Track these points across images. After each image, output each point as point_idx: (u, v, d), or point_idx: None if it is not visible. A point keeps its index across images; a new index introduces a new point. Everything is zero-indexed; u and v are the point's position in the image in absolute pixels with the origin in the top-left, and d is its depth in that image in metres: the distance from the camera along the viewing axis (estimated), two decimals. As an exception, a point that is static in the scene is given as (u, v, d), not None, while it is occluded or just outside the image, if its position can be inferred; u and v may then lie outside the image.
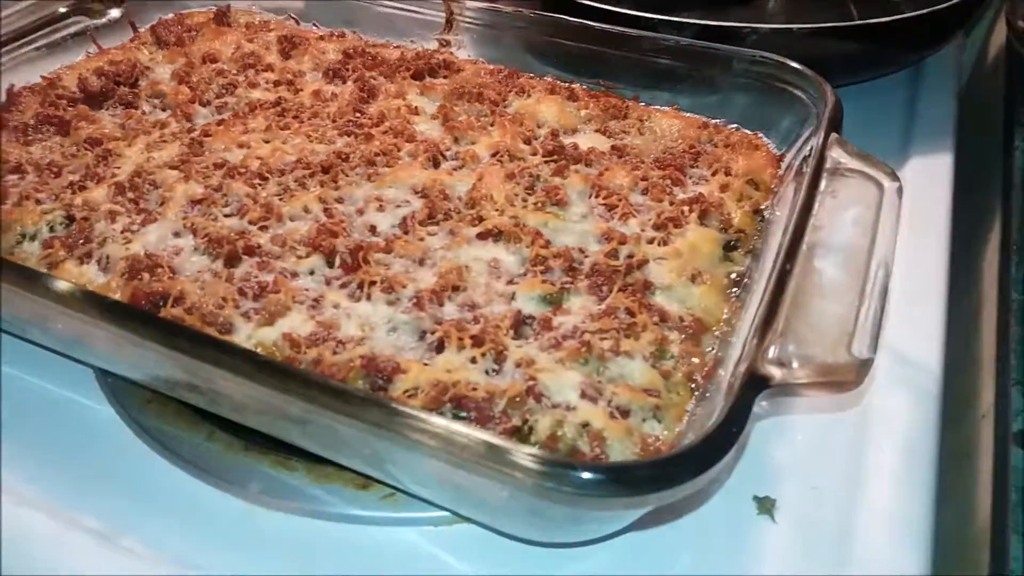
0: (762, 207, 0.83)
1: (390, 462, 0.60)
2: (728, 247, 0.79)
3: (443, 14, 1.08)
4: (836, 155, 0.79)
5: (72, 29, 1.06)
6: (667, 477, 0.50)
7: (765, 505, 0.72)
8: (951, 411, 0.82)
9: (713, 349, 0.69)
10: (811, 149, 0.82)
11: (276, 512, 0.71)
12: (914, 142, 1.15)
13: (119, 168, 0.86)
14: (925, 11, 1.07)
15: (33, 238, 0.78)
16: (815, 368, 0.58)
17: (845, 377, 0.58)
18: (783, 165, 0.89)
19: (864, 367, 0.58)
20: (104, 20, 1.09)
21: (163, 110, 0.97)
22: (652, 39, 0.98)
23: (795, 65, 0.90)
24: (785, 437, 0.78)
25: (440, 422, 0.53)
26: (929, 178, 1.09)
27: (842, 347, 0.59)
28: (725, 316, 0.72)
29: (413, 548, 0.69)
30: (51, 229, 0.79)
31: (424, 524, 0.70)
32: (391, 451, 0.58)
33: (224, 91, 0.99)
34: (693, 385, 0.66)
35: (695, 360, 0.67)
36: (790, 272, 0.65)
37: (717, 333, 0.71)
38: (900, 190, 0.75)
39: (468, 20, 1.07)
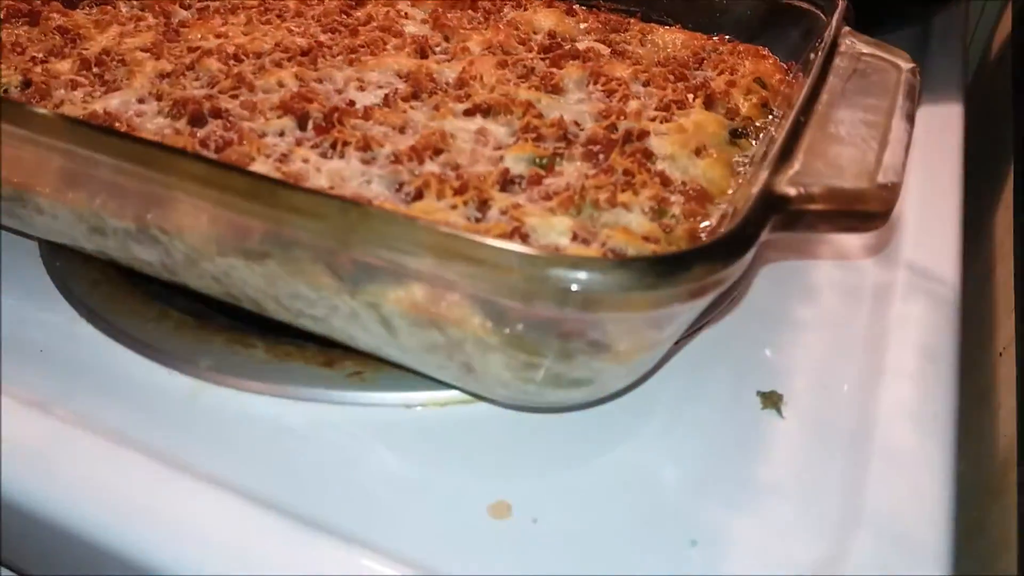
0: (771, 103, 0.78)
1: (359, 295, 0.53)
2: (735, 134, 0.73)
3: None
4: (849, 42, 0.74)
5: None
6: (675, 267, 0.43)
7: (771, 399, 0.65)
8: (966, 353, 0.76)
9: (718, 214, 0.63)
10: (819, 42, 0.77)
11: (228, 389, 0.64)
12: (923, 96, 1.11)
13: (87, 49, 0.81)
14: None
15: (-16, 99, 0.72)
16: (835, 192, 0.52)
17: (870, 205, 0.52)
18: (791, 75, 0.84)
19: (890, 193, 0.52)
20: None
21: (141, 10, 0.92)
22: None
23: (804, -24, 0.86)
24: (790, 336, 0.72)
25: (416, 219, 0.46)
26: (939, 126, 1.05)
27: (864, 178, 0.53)
28: (731, 191, 0.66)
29: (377, 433, 0.61)
30: (4, 92, 0.73)
31: (395, 405, 0.63)
32: (361, 275, 0.51)
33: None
34: (696, 243, 0.59)
35: (698, 219, 0.61)
36: (805, 122, 0.60)
37: (722, 206, 0.65)
38: (915, 70, 0.70)
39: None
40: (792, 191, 0.50)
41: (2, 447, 0.58)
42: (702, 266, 0.44)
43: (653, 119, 0.71)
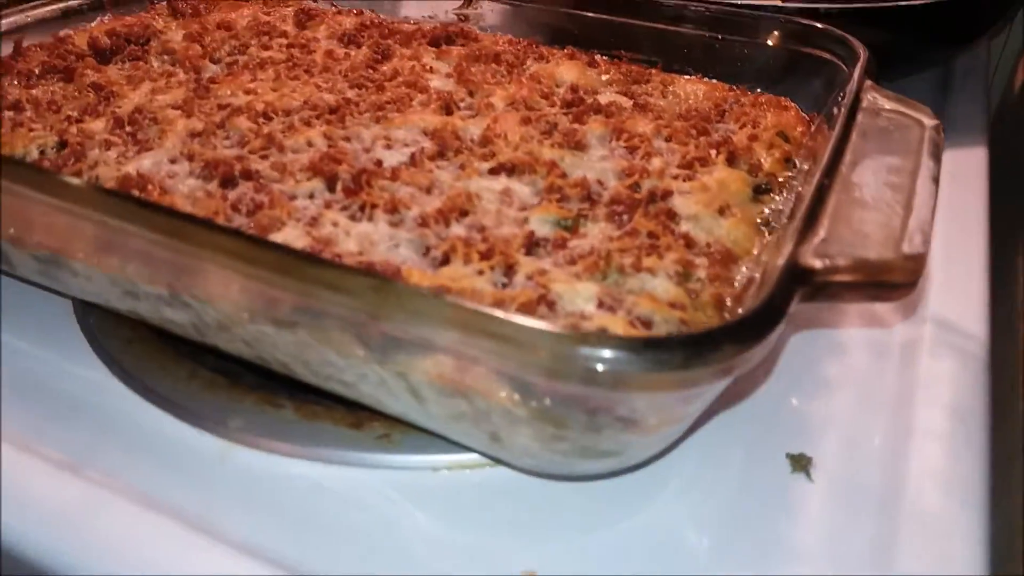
0: (793, 157, 0.78)
1: (388, 365, 0.53)
2: (759, 190, 0.73)
3: (463, -7, 1.07)
4: (872, 97, 0.75)
5: (88, -2, 1.05)
6: (702, 349, 0.43)
7: (800, 462, 0.65)
8: (995, 403, 0.75)
9: (743, 278, 0.63)
10: (842, 96, 0.77)
11: (257, 451, 0.65)
12: (947, 140, 1.10)
13: (120, 107, 0.83)
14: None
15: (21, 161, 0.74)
16: (861, 264, 0.52)
17: (895, 276, 0.52)
18: (814, 125, 0.85)
19: (917, 263, 0.52)
20: (122, -8, 1.08)
21: (172, 65, 0.94)
22: (675, 7, 0.95)
23: (824, 27, 0.87)
24: (818, 394, 0.71)
25: (446, 297, 0.47)
26: (964, 172, 1.04)
27: (889, 247, 0.53)
28: (756, 252, 0.66)
29: (408, 495, 0.62)
30: (42, 153, 0.75)
31: (422, 468, 0.63)
32: (389, 346, 0.52)
33: (236, 51, 0.96)
34: (724, 309, 0.60)
35: (723, 284, 0.61)
36: (829, 186, 0.60)
37: (747, 267, 0.65)
38: (939, 128, 0.70)
39: (488, -6, 1.05)
40: (818, 263, 0.51)
41: (35, 511, 0.59)
42: (731, 345, 0.44)
43: (676, 177, 0.71)
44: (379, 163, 0.74)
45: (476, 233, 0.64)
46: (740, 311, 0.49)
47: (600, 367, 0.43)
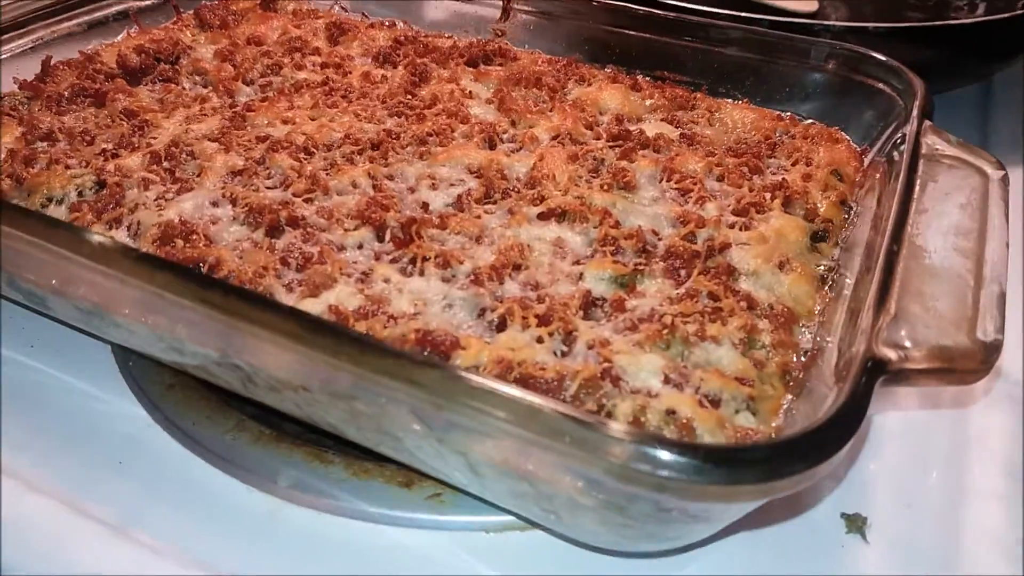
0: (849, 199, 0.76)
1: (447, 443, 0.52)
2: (815, 237, 0.72)
3: (498, 4, 1.03)
4: (932, 142, 0.72)
5: (114, 8, 1.02)
6: (787, 459, 0.42)
7: (855, 523, 0.64)
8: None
9: (807, 342, 0.62)
10: (899, 137, 0.75)
11: (307, 509, 0.64)
12: (990, 150, 1.08)
13: (155, 138, 0.81)
14: (1007, 15, 1.00)
15: (60, 202, 0.72)
16: (934, 352, 0.50)
17: (969, 364, 0.50)
18: (867, 160, 0.82)
19: (991, 351, 0.50)
20: (148, 1, 1.05)
21: (204, 87, 0.92)
22: (722, 28, 0.92)
23: (879, 56, 0.84)
24: (870, 452, 0.70)
25: (514, 391, 0.46)
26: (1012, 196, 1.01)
27: (963, 330, 0.52)
28: (817, 309, 0.65)
29: (461, 556, 0.61)
30: (80, 194, 0.73)
31: (474, 529, 0.63)
32: (451, 428, 0.50)
33: (268, 71, 0.94)
34: (789, 378, 0.58)
35: (788, 350, 0.60)
36: (898, 252, 0.58)
37: (809, 326, 0.64)
38: (1006, 179, 0.68)
39: (526, 9, 1.02)
40: (893, 354, 0.49)
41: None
42: (813, 456, 0.43)
43: (732, 225, 0.70)
44: (425, 206, 0.72)
45: (531, 291, 0.63)
46: (818, 409, 0.47)
47: (674, 478, 0.42)
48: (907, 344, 0.50)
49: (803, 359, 0.59)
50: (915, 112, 0.75)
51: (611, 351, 0.56)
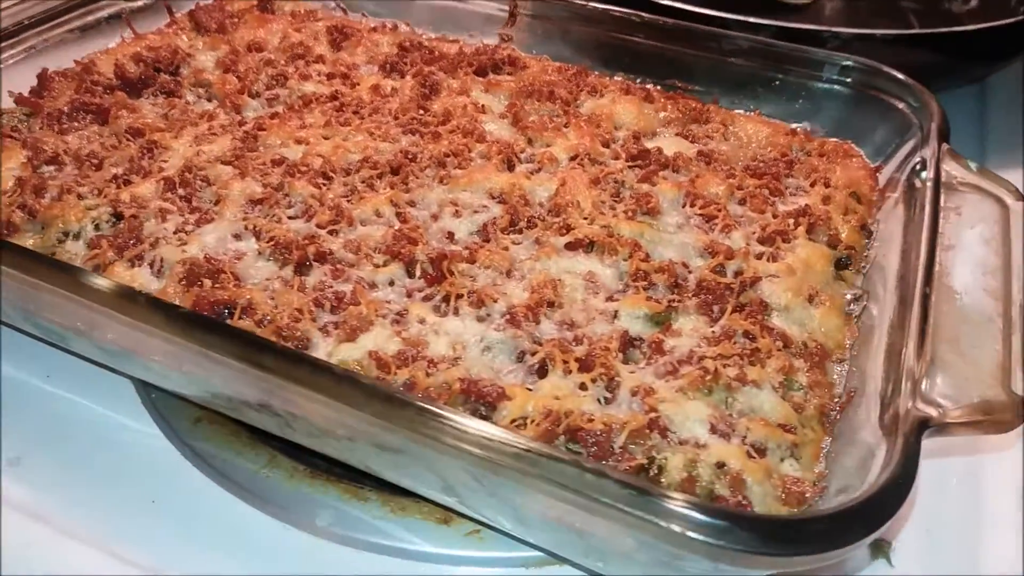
0: (868, 222, 0.77)
1: (498, 497, 0.53)
2: (839, 264, 0.73)
3: (505, 8, 1.01)
4: (949, 168, 0.73)
5: (106, 12, 0.99)
6: (843, 533, 0.43)
7: (880, 548, 0.66)
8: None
9: (840, 378, 0.63)
10: (918, 162, 0.76)
11: (346, 547, 0.64)
12: (989, 155, 1.10)
13: (166, 162, 0.79)
14: (1011, 20, 1.01)
15: (77, 236, 0.70)
16: (973, 407, 0.52)
17: (1004, 416, 0.52)
18: (881, 177, 0.83)
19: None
20: (140, 3, 1.01)
21: (208, 100, 0.90)
22: (733, 39, 0.92)
23: (895, 73, 0.85)
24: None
25: (576, 462, 0.46)
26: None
27: (998, 382, 0.53)
28: (848, 343, 0.66)
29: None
30: (96, 227, 0.71)
31: (514, 565, 0.63)
32: (504, 486, 0.51)
33: (274, 82, 0.91)
34: (826, 420, 0.60)
35: (824, 391, 0.61)
36: (930, 296, 0.60)
37: (842, 360, 0.65)
38: (1025, 207, 0.70)
39: (532, 14, 1.00)
40: (934, 412, 0.51)
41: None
42: (867, 526, 0.44)
43: (760, 255, 0.70)
44: (451, 236, 0.72)
45: (567, 330, 0.63)
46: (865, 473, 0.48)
47: (737, 549, 0.43)
48: (947, 401, 0.52)
49: (839, 400, 0.60)
50: (933, 135, 0.76)
51: (656, 400, 0.57)
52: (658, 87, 0.94)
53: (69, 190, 0.74)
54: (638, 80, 0.96)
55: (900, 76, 0.84)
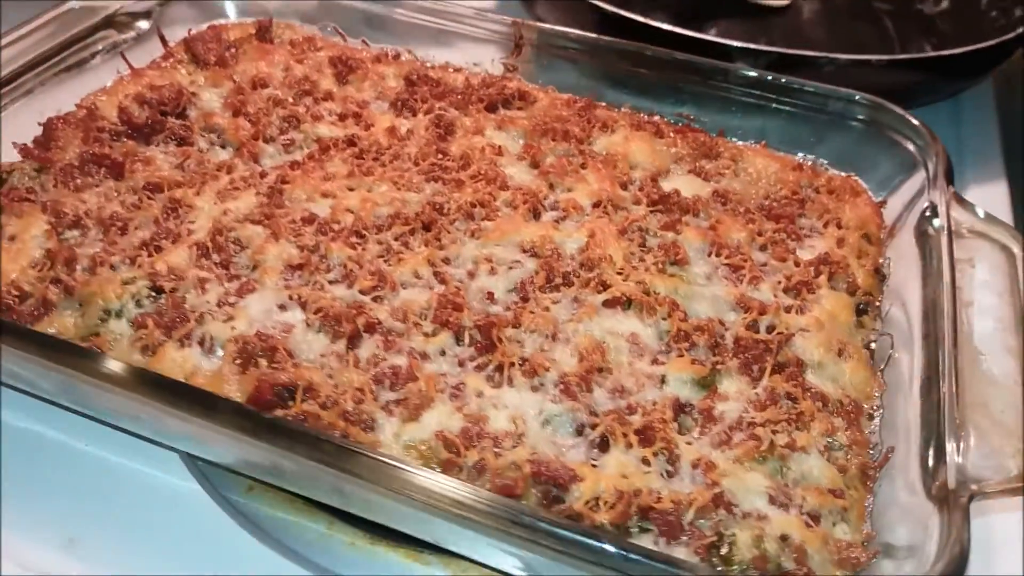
0: (880, 263, 0.81)
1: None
2: (858, 311, 0.77)
3: (505, 34, 1.01)
4: (957, 215, 0.77)
5: (100, 46, 0.95)
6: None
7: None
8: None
9: (873, 434, 0.68)
10: (927, 207, 0.80)
11: (410, 612, 0.67)
12: (967, 166, 1.14)
13: (193, 222, 0.78)
14: (996, 41, 1.05)
15: (119, 315, 0.70)
16: (1011, 478, 0.57)
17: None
18: (886, 213, 0.87)
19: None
20: (132, 34, 0.98)
21: (222, 147, 0.88)
22: (740, 75, 0.94)
23: (901, 112, 0.88)
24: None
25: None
26: (989, 200, 1.07)
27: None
28: (876, 394, 0.70)
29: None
30: (137, 303, 0.70)
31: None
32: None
33: (287, 124, 0.90)
34: (867, 479, 0.64)
35: (862, 448, 0.65)
36: (956, 355, 0.64)
37: (872, 415, 0.69)
38: (1030, 255, 0.75)
39: (538, 45, 1.00)
40: (975, 485, 0.55)
41: None
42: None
43: (788, 309, 0.74)
44: (491, 296, 0.73)
45: (619, 398, 0.66)
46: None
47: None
48: (988, 472, 0.57)
49: (875, 459, 0.65)
50: (940, 177, 0.80)
51: (718, 474, 0.60)
52: (666, 119, 0.96)
53: (102, 262, 0.72)
54: (645, 108, 0.97)
55: (905, 115, 0.87)
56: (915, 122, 0.86)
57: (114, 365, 0.60)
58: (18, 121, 0.88)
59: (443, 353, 0.69)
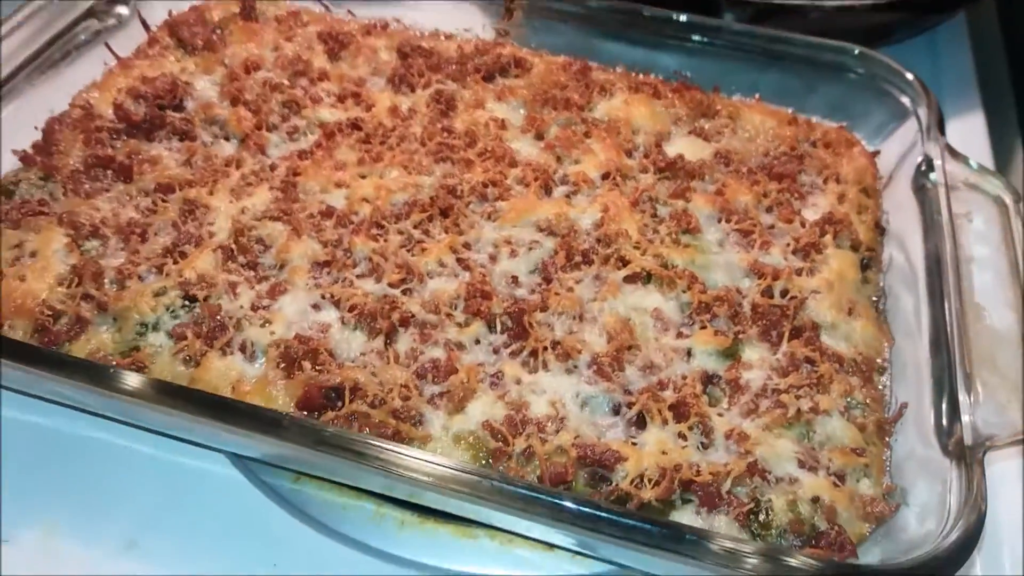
0: (880, 219, 0.85)
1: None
2: (862, 266, 0.81)
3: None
4: (951, 168, 0.81)
5: (82, 36, 0.93)
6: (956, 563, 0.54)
7: None
8: None
9: (886, 389, 0.72)
10: (922, 161, 0.83)
11: (465, 583, 0.71)
12: (945, 97, 1.17)
13: (212, 224, 0.78)
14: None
15: (156, 327, 0.71)
16: (1017, 430, 0.62)
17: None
18: (880, 163, 0.91)
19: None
20: (112, 21, 0.95)
21: (226, 139, 0.88)
22: (733, 30, 0.95)
23: (891, 63, 0.91)
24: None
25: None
26: (967, 134, 1.11)
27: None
28: (886, 347, 0.75)
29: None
30: (172, 314, 0.72)
31: (613, 577, 0.72)
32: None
33: (288, 111, 0.90)
34: (884, 434, 0.69)
35: (877, 404, 0.70)
36: (963, 312, 0.69)
37: (883, 369, 0.74)
38: (1020, 200, 0.78)
39: (528, 8, 1.00)
40: (986, 441, 0.60)
41: None
42: (960, 559, 0.54)
43: (799, 272, 0.77)
44: (515, 279, 0.76)
45: (651, 375, 0.69)
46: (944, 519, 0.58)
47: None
48: (999, 429, 0.62)
49: (892, 414, 0.70)
50: (933, 132, 0.83)
51: (750, 444, 0.64)
52: (662, 79, 0.97)
53: (129, 274, 0.73)
54: (638, 65, 0.98)
55: (896, 66, 0.90)
56: (909, 77, 0.89)
57: (170, 388, 0.62)
58: (11, 126, 0.86)
59: (477, 342, 0.71)
